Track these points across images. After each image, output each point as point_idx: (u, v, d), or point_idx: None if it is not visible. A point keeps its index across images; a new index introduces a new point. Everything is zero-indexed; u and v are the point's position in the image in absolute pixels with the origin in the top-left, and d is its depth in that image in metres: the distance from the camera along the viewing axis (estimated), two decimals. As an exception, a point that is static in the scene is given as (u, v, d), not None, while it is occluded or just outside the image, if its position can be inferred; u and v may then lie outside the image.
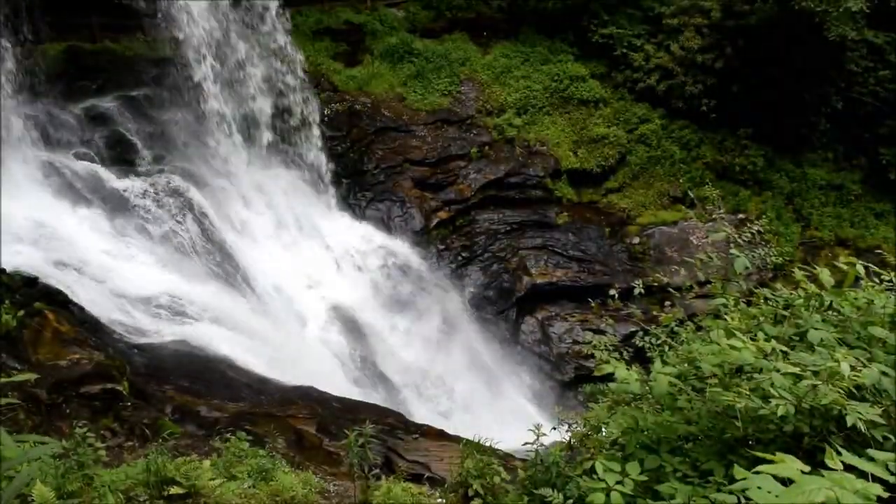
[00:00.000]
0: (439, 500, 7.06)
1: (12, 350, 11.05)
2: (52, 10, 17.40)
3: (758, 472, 2.79)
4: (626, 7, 25.34)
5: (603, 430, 4.98)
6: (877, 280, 5.03)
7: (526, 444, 5.70)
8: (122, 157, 17.81)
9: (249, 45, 20.51)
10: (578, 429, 5.81)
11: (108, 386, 10.57)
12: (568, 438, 5.85)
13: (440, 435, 11.74)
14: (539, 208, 22.96)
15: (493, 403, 18.81)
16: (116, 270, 14.47)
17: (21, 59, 16.21)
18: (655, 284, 7.97)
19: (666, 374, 3.98)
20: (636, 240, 22.43)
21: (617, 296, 6.34)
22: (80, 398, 10.36)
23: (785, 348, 3.93)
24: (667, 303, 17.13)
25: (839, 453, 2.87)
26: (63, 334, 11.54)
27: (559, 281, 21.54)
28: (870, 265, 5.07)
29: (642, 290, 5.83)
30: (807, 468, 2.75)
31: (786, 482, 2.72)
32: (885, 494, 2.70)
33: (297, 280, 18.21)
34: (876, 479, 2.75)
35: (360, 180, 21.97)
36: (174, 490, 6.42)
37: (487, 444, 7.05)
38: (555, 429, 6.21)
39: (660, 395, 4.03)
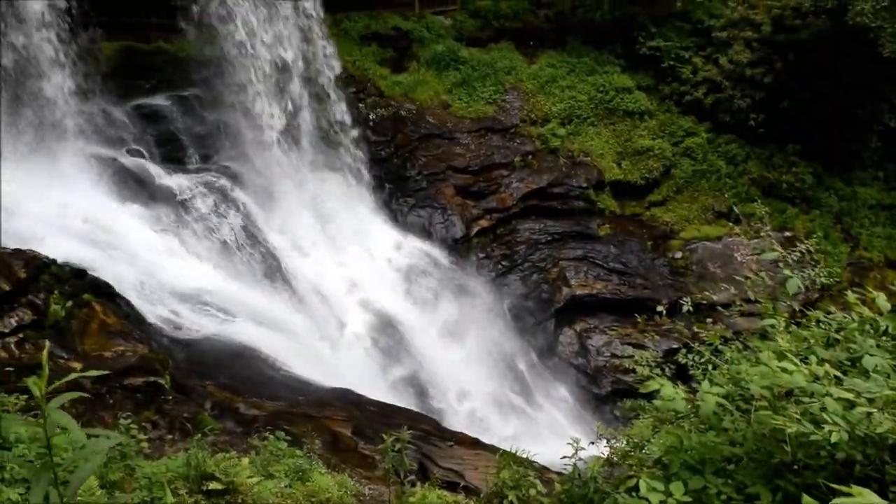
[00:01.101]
0: (474, 510, 7.05)
1: (60, 339, 11.33)
2: (109, 10, 17.81)
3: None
4: (675, 20, 25.12)
5: (645, 447, 4.93)
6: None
7: (564, 457, 5.65)
8: (171, 154, 18.18)
9: (296, 48, 20.75)
10: (618, 445, 5.75)
11: (150, 379, 10.77)
12: (607, 454, 5.79)
13: (475, 443, 11.73)
14: (581, 219, 22.82)
15: (527, 414, 18.71)
16: (162, 266, 14.74)
17: (79, 57, 16.60)
18: (704, 302, 7.86)
19: (714, 395, 3.92)
20: (678, 254, 22.15)
21: (664, 312, 6.25)
22: (124, 390, 10.57)
23: (837, 373, 3.84)
24: (708, 319, 16.91)
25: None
26: (109, 326, 11.80)
27: (599, 293, 21.35)
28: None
29: (690, 308, 5.75)
30: (884, 502, 2.67)
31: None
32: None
33: (337, 283, 18.34)
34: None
35: (402, 186, 22.08)
36: (213, 485, 6.50)
37: (524, 455, 7.01)
38: (593, 443, 6.15)
39: (706, 414, 3.96)
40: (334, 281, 18.33)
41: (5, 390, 7.43)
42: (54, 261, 12.17)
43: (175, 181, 17.14)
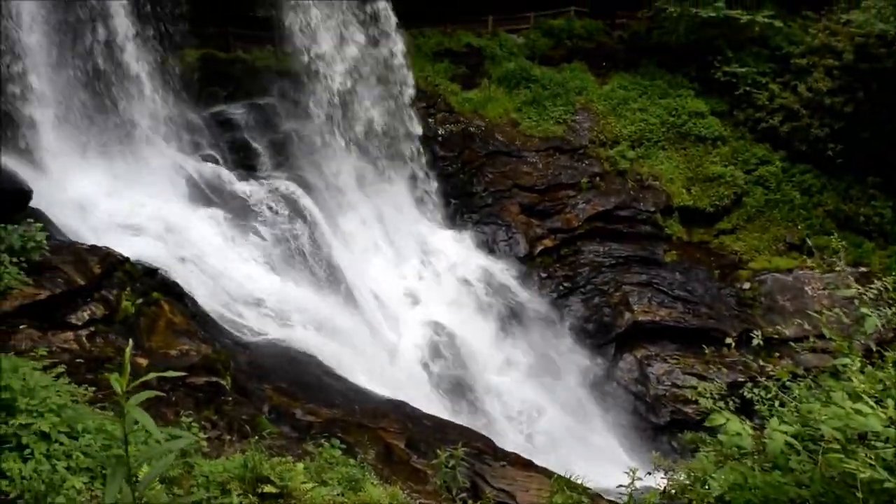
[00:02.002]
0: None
1: (129, 335, 11.62)
2: (193, 18, 18.40)
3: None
4: (753, 45, 24.68)
5: (707, 483, 4.79)
6: None
7: (620, 486, 5.55)
8: (244, 161, 18.65)
9: (368, 63, 21.08)
10: (677, 478, 5.60)
11: (212, 379, 10.97)
12: (664, 486, 5.65)
13: (527, 465, 11.59)
14: (647, 244, 22.48)
15: (581, 438, 18.43)
16: (229, 269, 15.08)
17: (162, 63, 17.20)
18: (776, 337, 7.62)
19: (782, 433, 3.79)
20: (746, 285, 21.57)
21: (733, 344, 6.08)
22: (186, 388, 10.79)
23: (916, 419, 3.67)
24: (776, 354, 16.40)
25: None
26: (176, 325, 12.08)
27: (662, 320, 20.94)
28: None
29: (761, 342, 5.57)
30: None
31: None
32: None
33: (398, 294, 18.49)
34: None
35: (467, 201, 22.16)
36: (268, 488, 6.57)
37: (578, 480, 6.90)
38: (650, 473, 6.01)
39: (773, 453, 3.83)
40: (395, 292, 18.48)
41: (75, 381, 7.66)
42: (128, 258, 12.53)
43: (246, 187, 17.55)
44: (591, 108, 24.49)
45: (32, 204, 13.06)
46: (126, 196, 15.24)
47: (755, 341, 5.58)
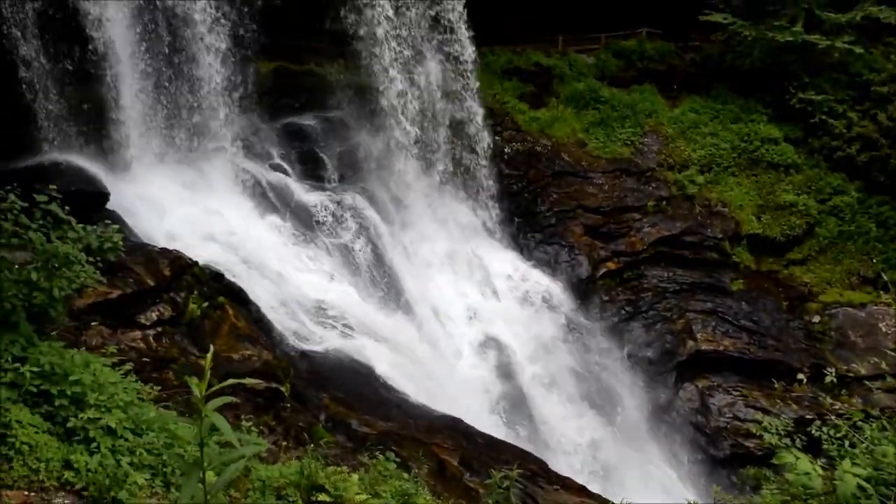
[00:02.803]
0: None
1: (193, 337, 11.92)
2: (269, 30, 18.85)
3: None
4: (831, 71, 24.00)
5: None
6: None
7: (679, 518, 5.41)
8: (312, 172, 18.95)
9: (438, 80, 21.26)
10: (739, 513, 5.44)
11: (272, 385, 11.15)
12: (725, 521, 5.49)
13: (581, 490, 11.42)
14: (713, 271, 21.97)
15: (637, 467, 18.06)
16: (293, 277, 15.32)
17: (238, 73, 17.66)
18: (850, 375, 7.37)
19: (854, 476, 3.64)
20: (816, 318, 20.86)
21: (805, 380, 5.88)
22: (246, 392, 10.98)
23: None
24: (846, 391, 15.83)
25: None
26: (239, 330, 12.32)
27: (726, 350, 20.39)
28: None
29: (834, 379, 5.38)
30: None
31: None
32: None
33: (458, 310, 18.48)
34: None
35: (531, 220, 22.08)
36: (322, 497, 6.63)
37: (634, 510, 6.75)
38: (710, 508, 5.85)
39: (844, 496, 3.69)
40: (455, 308, 18.48)
41: (141, 379, 7.86)
42: (196, 262, 12.84)
43: (312, 197, 17.83)
44: (660, 131, 24.17)
45: (108, 205, 13.59)
46: (197, 201, 15.66)
47: (828, 378, 5.40)
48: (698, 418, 19.68)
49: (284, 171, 18.31)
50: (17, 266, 6.22)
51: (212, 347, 3.54)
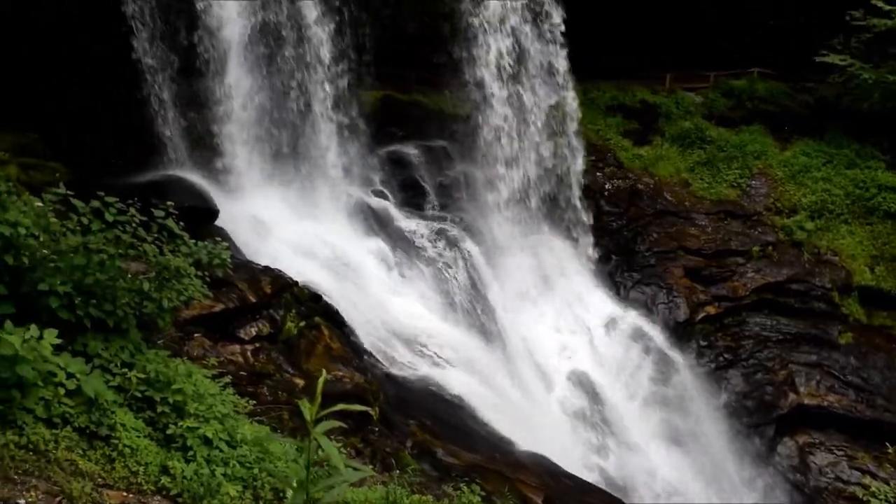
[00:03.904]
0: None
1: (288, 355, 12.17)
2: (379, 61, 19.35)
3: None
4: (961, 118, 22.67)
5: None
6: None
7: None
8: (412, 199, 19.25)
9: (544, 117, 21.28)
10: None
11: (362, 408, 11.19)
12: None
13: (670, 541, 10.96)
14: (819, 322, 20.94)
15: (730, 521, 17.25)
16: (389, 302, 15.50)
17: (346, 102, 18.17)
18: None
19: None
20: (932, 379, 19.53)
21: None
22: (336, 413, 11.08)
23: None
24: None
25: None
26: (333, 351, 12.49)
27: (830, 406, 19.33)
28: None
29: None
30: None
31: None
32: None
33: (550, 346, 18.25)
34: None
35: (629, 259, 21.68)
36: (406, 525, 6.60)
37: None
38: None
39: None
40: (547, 344, 18.27)
41: (237, 393, 8.06)
42: (297, 282, 13.15)
43: (412, 225, 18.05)
44: (768, 174, 23.36)
45: (216, 222, 14.14)
46: (301, 223, 16.11)
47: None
48: (797, 476, 18.68)
49: (385, 197, 18.65)
50: (130, 276, 6.50)
51: (324, 372, 3.59)
